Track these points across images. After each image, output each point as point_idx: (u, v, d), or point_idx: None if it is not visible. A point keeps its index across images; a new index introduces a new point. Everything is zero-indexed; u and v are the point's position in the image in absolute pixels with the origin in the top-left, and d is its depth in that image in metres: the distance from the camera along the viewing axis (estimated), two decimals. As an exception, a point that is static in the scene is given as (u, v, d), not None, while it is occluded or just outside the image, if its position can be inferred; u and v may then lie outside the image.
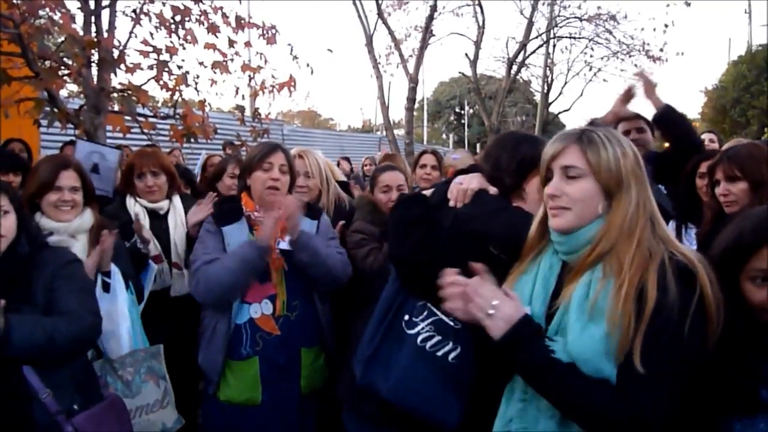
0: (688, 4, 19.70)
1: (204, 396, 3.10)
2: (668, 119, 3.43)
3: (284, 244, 3.02)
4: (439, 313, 2.16)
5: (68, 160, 3.11)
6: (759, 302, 1.64)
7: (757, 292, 1.64)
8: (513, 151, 2.29)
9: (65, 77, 5.55)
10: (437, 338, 2.15)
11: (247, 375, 2.97)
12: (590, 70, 25.93)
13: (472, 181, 2.33)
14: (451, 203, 2.32)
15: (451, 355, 2.14)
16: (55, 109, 5.38)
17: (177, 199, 3.81)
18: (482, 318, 1.62)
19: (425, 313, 2.20)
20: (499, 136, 2.60)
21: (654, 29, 31.61)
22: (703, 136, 6.06)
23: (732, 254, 1.67)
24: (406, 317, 2.24)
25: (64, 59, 5.43)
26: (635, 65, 22.65)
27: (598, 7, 22.18)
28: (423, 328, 2.18)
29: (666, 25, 21.03)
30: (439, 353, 2.15)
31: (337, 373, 3.16)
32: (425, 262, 2.19)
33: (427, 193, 2.54)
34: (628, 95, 3.47)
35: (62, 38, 5.62)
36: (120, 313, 2.93)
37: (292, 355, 3.04)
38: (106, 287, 2.93)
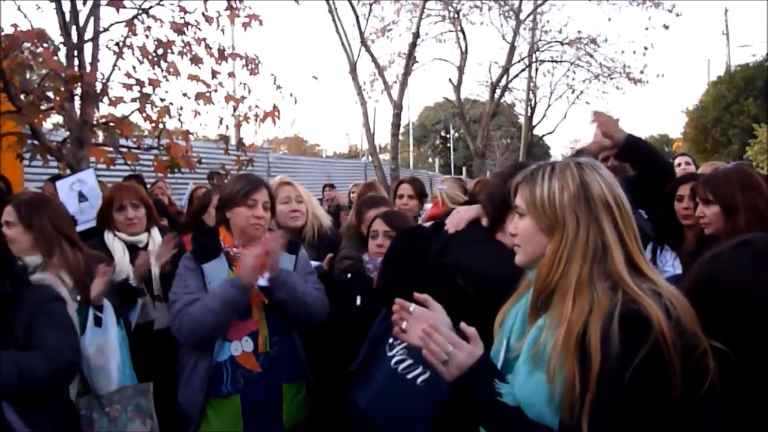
0: (667, 27, 20.08)
1: None
2: (631, 151, 3.34)
3: (263, 281, 2.98)
4: None
5: (13, 199, 3.13)
6: None
7: None
8: (504, 182, 2.26)
9: (48, 111, 5.56)
10: (409, 362, 2.26)
11: (229, 413, 2.94)
12: (573, 92, 26.20)
13: (469, 211, 2.45)
14: (448, 228, 2.42)
15: (420, 379, 2.24)
16: (37, 143, 5.37)
17: (155, 232, 3.79)
18: (436, 365, 1.62)
19: None
20: (505, 166, 2.67)
21: (634, 52, 31.69)
22: (678, 159, 6.13)
23: None
24: (390, 340, 2.37)
25: (47, 93, 5.44)
26: (617, 87, 23.06)
27: (579, 31, 22.61)
28: (398, 351, 2.31)
29: (646, 48, 21.39)
30: (409, 376, 2.27)
31: (320, 405, 3.15)
32: (401, 292, 2.24)
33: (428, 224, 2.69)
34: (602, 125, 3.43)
35: (45, 71, 5.63)
36: (111, 349, 2.91)
37: (274, 392, 3.00)
38: (98, 321, 2.91)
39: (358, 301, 3.12)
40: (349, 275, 3.34)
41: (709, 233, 2.92)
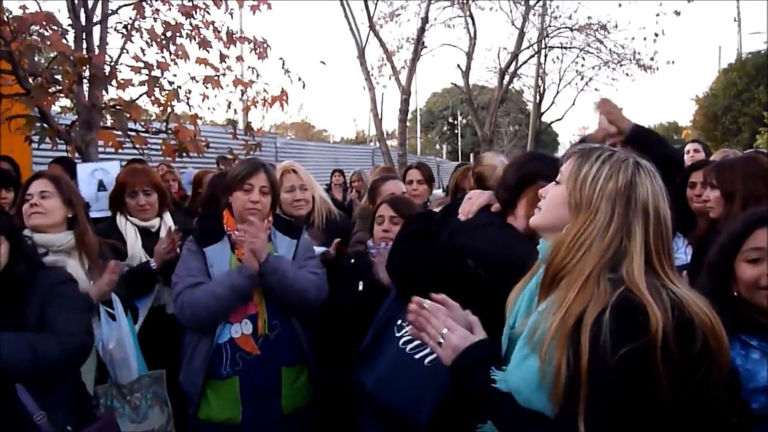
0: (678, 13, 19.80)
1: (187, 416, 3.07)
2: (639, 139, 3.38)
3: None
4: None
5: (44, 172, 3.15)
6: (750, 278, 1.86)
7: (749, 269, 1.87)
8: (519, 167, 2.35)
9: (56, 94, 5.55)
10: (416, 341, 2.23)
11: (228, 395, 2.96)
12: (582, 79, 25.87)
13: (480, 197, 2.47)
14: (461, 216, 2.43)
15: (428, 359, 2.23)
16: (46, 126, 5.37)
17: (167, 216, 3.80)
18: (434, 347, 1.69)
19: None
20: (519, 154, 2.72)
21: (644, 38, 30.94)
22: (688, 146, 6.10)
23: (728, 245, 1.89)
24: (399, 321, 2.41)
25: (55, 76, 5.43)
26: (626, 74, 22.83)
27: (589, 17, 22.24)
28: (406, 332, 2.30)
29: (656, 34, 21.02)
30: (417, 356, 2.28)
31: (321, 389, 3.16)
32: (412, 274, 2.37)
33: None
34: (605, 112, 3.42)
35: (54, 54, 5.62)
36: (127, 340, 2.95)
37: (273, 375, 3.01)
38: (112, 316, 2.94)
39: (360, 287, 3.12)
40: (352, 260, 3.34)
41: (713, 217, 3.01)
